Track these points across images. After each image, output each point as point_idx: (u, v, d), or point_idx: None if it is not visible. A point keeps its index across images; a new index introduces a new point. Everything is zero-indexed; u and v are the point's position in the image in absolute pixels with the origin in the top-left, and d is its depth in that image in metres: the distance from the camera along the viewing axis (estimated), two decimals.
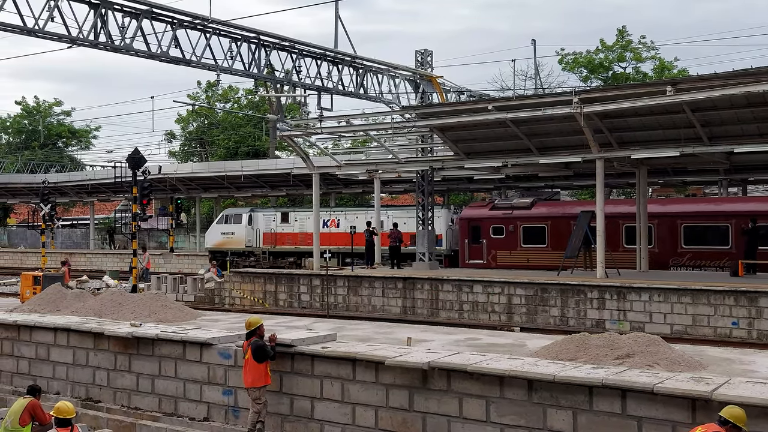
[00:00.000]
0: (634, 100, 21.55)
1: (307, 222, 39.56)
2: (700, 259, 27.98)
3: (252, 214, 42.28)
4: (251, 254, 41.95)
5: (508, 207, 32.84)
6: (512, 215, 32.15)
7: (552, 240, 30.89)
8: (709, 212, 28.72)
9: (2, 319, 15.95)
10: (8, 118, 75.82)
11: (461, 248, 33.35)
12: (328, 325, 16.08)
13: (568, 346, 10.99)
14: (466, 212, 34.23)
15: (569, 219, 29.72)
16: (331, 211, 40.74)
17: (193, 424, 12.75)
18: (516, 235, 31.45)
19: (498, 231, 32.18)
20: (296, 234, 40.53)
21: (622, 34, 47.38)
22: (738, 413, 7.80)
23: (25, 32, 19.39)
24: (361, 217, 38.22)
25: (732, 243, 27.44)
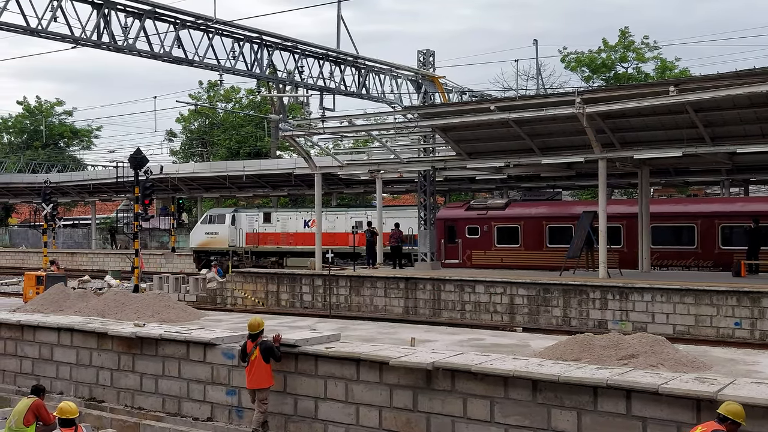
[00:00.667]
0: (637, 101, 21.55)
1: (289, 222, 40.71)
2: (667, 258, 28.40)
3: (235, 215, 42.90)
4: (234, 254, 42.47)
5: (483, 208, 33.28)
6: (487, 215, 32.55)
7: (525, 240, 31.27)
8: (676, 213, 29.07)
9: (6, 318, 15.97)
10: (10, 117, 75.91)
11: (438, 248, 33.57)
12: (331, 326, 16.08)
13: (572, 347, 10.99)
14: (443, 213, 34.65)
15: (542, 219, 30.24)
16: (311, 211, 41.08)
17: (197, 424, 12.77)
18: (490, 235, 31.86)
19: (473, 231, 32.51)
20: (278, 234, 41.15)
21: (624, 34, 47.39)
22: (736, 409, 7.81)
23: (29, 32, 19.40)
24: (341, 217, 39.01)
25: (697, 243, 27.94)
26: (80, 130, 75.74)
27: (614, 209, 29.80)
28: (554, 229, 30.00)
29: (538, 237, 30.53)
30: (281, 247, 40.87)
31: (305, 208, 43.95)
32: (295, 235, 40.36)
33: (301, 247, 39.71)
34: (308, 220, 39.72)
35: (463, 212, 33.44)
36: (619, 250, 28.13)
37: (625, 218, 28.54)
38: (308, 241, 38.16)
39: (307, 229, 39.20)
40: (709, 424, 7.76)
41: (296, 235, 40.28)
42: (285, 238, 40.78)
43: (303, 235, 39.64)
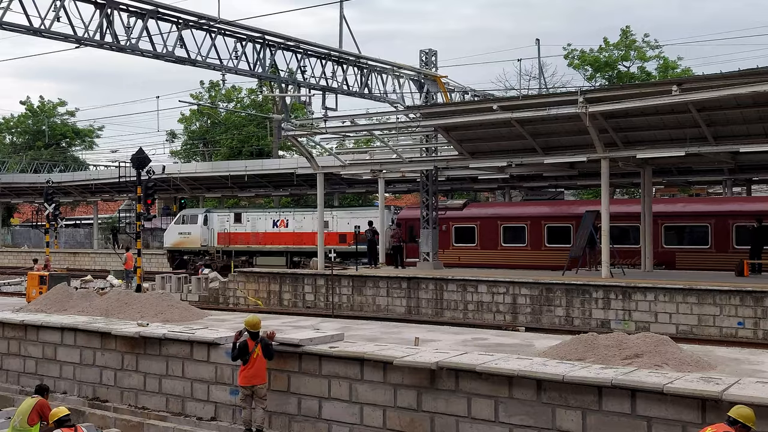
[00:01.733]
0: (640, 100, 21.53)
1: (258, 222, 41.52)
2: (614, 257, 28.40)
3: (207, 215, 43.75)
4: (206, 253, 43.34)
5: (442, 208, 34.06)
6: (446, 216, 33.33)
7: (480, 239, 32.56)
8: (622, 213, 29.65)
9: (9, 318, 15.98)
10: (12, 118, 75.95)
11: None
12: (334, 325, 16.08)
13: (576, 346, 10.98)
14: (404, 213, 35.96)
15: (497, 220, 31.50)
16: (280, 211, 42.71)
17: (201, 423, 12.77)
18: (449, 235, 32.80)
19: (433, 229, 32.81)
20: (248, 234, 41.91)
21: (625, 33, 47.36)
22: (747, 413, 7.79)
23: (32, 32, 19.39)
24: (308, 217, 39.90)
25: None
26: (82, 130, 75.77)
27: (563, 210, 31.81)
28: (508, 228, 31.27)
29: (493, 237, 31.77)
30: (251, 247, 41.76)
31: (274, 209, 45.18)
32: (264, 234, 41.21)
33: (270, 247, 40.78)
34: (277, 220, 40.86)
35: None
36: (569, 248, 28.90)
37: (575, 218, 29.40)
38: (276, 241, 40.04)
39: (275, 229, 40.50)
40: (718, 426, 7.74)
41: (265, 234, 41.14)
42: (255, 237, 41.69)
43: (272, 235, 40.81)
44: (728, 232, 28.06)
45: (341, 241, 37.78)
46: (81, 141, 76.80)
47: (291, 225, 40.29)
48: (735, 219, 27.95)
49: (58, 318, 15.60)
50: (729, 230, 28.04)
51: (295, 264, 39.16)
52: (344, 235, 37.87)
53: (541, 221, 31.21)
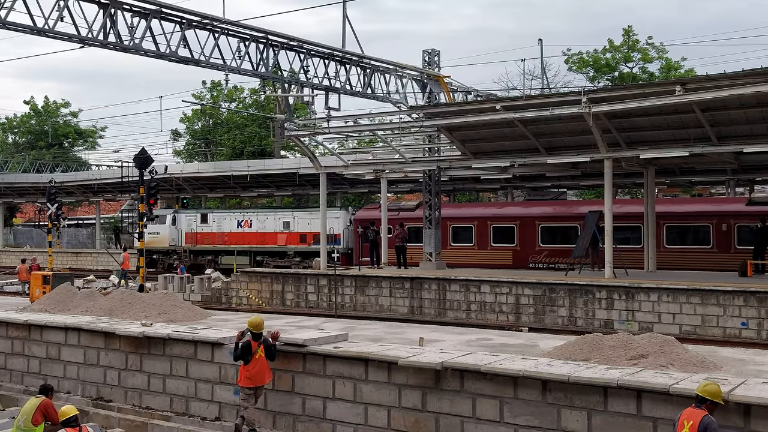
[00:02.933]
0: (643, 100, 21.51)
1: (224, 223, 42.90)
2: (554, 256, 30.57)
3: (175, 215, 45.02)
4: (174, 253, 44.55)
5: (396, 209, 36.09)
6: (399, 216, 34.96)
7: None
8: (561, 215, 31.19)
9: (13, 318, 15.99)
10: (15, 118, 76.02)
11: (355, 247, 36.41)
12: (337, 325, 16.07)
13: (582, 347, 10.97)
14: (360, 214, 37.50)
15: (446, 220, 32.38)
16: (244, 212, 43.93)
17: (205, 423, 12.77)
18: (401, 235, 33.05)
19: (387, 231, 34.36)
20: (214, 234, 43.14)
21: (628, 34, 47.29)
22: (713, 389, 7.95)
23: (35, 32, 19.41)
24: (270, 218, 41.35)
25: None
26: (85, 131, 75.81)
27: (508, 211, 33.51)
28: (457, 229, 32.60)
29: (443, 236, 32.53)
30: (217, 246, 43.01)
31: (238, 209, 46.50)
32: (230, 234, 42.22)
33: (234, 246, 42.03)
34: (241, 221, 42.33)
35: (379, 213, 35.44)
36: (512, 248, 31.22)
37: (519, 219, 30.96)
38: (241, 241, 41.48)
39: (240, 229, 41.89)
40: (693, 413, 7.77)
41: (230, 234, 42.14)
42: (220, 237, 42.93)
43: (236, 235, 42.08)
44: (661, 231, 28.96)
45: (302, 241, 39.62)
46: (83, 141, 76.84)
47: (254, 225, 41.57)
48: (665, 220, 29.01)
49: (62, 318, 15.60)
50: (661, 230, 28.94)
51: (258, 263, 40.45)
52: (305, 235, 39.57)
53: (487, 222, 32.95)
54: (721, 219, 28.61)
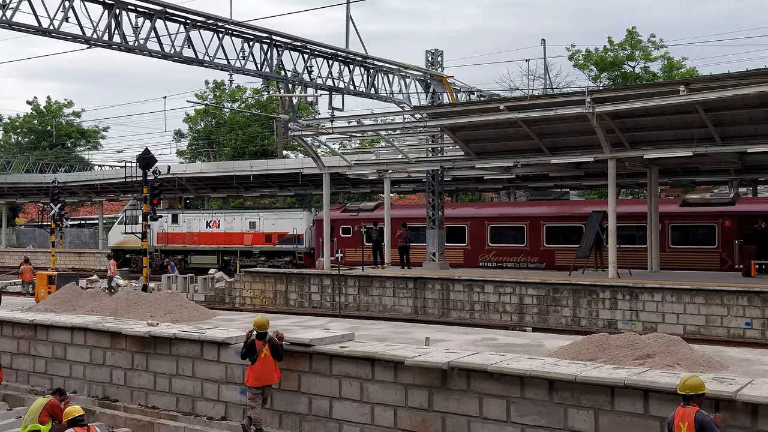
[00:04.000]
0: (647, 100, 21.52)
1: (193, 223, 43.99)
2: (503, 255, 32.19)
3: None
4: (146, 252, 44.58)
5: (355, 210, 37.70)
6: (358, 217, 36.63)
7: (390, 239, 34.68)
8: (507, 216, 32.44)
9: (19, 318, 16.03)
10: (18, 118, 76.12)
11: (317, 246, 37.49)
12: (342, 325, 16.10)
13: (588, 347, 10.99)
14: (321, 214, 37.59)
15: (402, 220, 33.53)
16: (212, 212, 45.22)
17: (211, 423, 12.80)
18: (360, 235, 34.91)
19: (346, 231, 36.92)
20: (184, 234, 44.32)
21: (631, 33, 47.28)
22: (696, 382, 7.97)
23: (41, 33, 19.42)
24: (238, 218, 42.64)
25: (526, 241, 31.72)
26: (87, 131, 75.88)
27: (460, 212, 34.86)
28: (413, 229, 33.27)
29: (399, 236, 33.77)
30: (186, 246, 44.10)
31: (207, 210, 47.63)
32: (199, 234, 43.29)
33: (203, 246, 43.25)
34: (210, 221, 43.57)
35: (339, 214, 37.68)
36: (464, 247, 32.70)
37: (470, 219, 32.34)
38: (209, 241, 42.85)
39: (208, 230, 43.18)
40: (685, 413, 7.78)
41: (199, 234, 43.20)
42: (190, 237, 44.08)
43: (205, 235, 43.32)
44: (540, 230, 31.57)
45: (267, 241, 40.85)
46: (86, 141, 76.92)
47: (222, 226, 42.82)
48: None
49: (68, 318, 15.64)
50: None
51: (225, 263, 41.84)
52: (270, 235, 40.86)
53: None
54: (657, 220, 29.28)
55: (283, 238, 39.26)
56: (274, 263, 39.60)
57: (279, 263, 39.73)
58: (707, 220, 28.63)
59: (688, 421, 7.71)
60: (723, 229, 28.57)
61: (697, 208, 29.21)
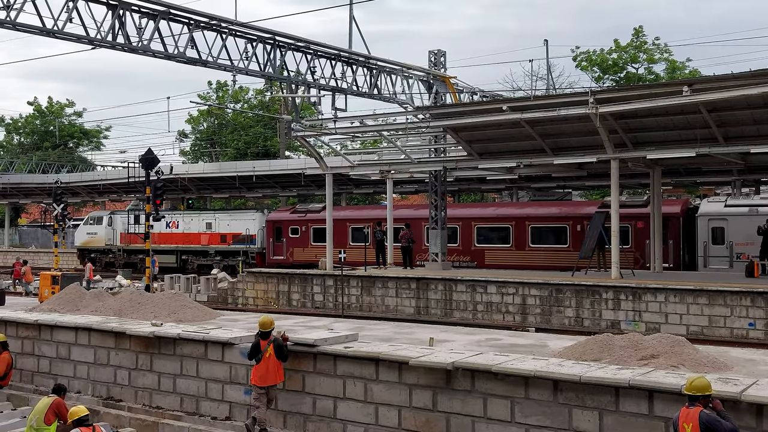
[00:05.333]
0: (650, 101, 21.50)
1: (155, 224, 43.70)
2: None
3: (111, 216, 48.46)
4: (110, 252, 47.67)
5: (303, 211, 39.57)
6: (306, 218, 38.48)
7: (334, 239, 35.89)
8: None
9: (23, 318, 16.06)
10: (20, 118, 76.22)
11: (267, 246, 39.87)
12: (346, 325, 16.11)
13: (592, 347, 10.99)
14: (272, 215, 41.13)
15: (346, 221, 36.36)
16: (171, 213, 46.42)
17: (215, 423, 12.81)
18: (308, 235, 37.32)
19: (295, 231, 38.97)
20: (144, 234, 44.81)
21: (638, 33, 47.24)
22: (703, 383, 7.96)
23: (45, 33, 19.48)
24: (195, 219, 44.35)
25: (459, 241, 33.59)
26: (90, 131, 75.95)
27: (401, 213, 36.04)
28: (355, 230, 36.20)
29: (343, 236, 36.31)
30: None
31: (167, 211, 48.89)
32: (159, 235, 43.77)
33: (163, 246, 44.16)
34: (169, 222, 44.95)
35: (288, 215, 39.92)
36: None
37: (408, 220, 33.67)
38: (169, 241, 44.45)
39: (168, 230, 44.63)
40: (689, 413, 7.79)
41: (160, 235, 43.79)
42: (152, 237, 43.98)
43: (165, 235, 44.73)
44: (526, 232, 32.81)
45: (222, 241, 42.72)
46: (88, 141, 77.01)
47: (181, 226, 44.53)
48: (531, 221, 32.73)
49: (72, 318, 15.66)
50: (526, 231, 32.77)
51: (183, 262, 43.90)
52: (225, 235, 42.74)
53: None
54: (576, 221, 31.30)
55: (237, 239, 41.35)
56: (228, 263, 41.65)
57: (233, 263, 41.48)
58: (623, 221, 29.51)
59: (692, 422, 7.72)
60: (636, 230, 30.16)
61: None
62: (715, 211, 29.54)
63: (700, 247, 29.23)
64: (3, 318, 16.38)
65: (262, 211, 43.14)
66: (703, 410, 7.79)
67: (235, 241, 42.01)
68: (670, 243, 29.53)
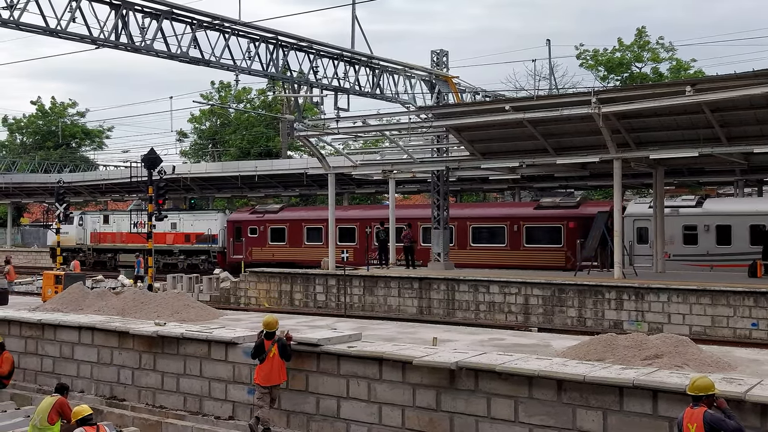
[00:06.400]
0: (653, 101, 21.50)
1: (122, 223, 46.94)
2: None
3: (82, 216, 49.75)
4: (80, 250, 48.32)
5: (262, 211, 41.01)
6: (264, 218, 39.90)
7: (290, 239, 39.07)
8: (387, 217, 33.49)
9: (26, 317, 16.07)
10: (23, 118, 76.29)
11: (228, 245, 41.46)
12: (349, 325, 16.11)
13: (596, 347, 10.99)
14: (232, 216, 42.69)
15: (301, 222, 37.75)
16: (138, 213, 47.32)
17: (218, 422, 12.82)
18: (265, 235, 38.47)
19: (253, 231, 40.40)
20: (114, 233, 47.76)
21: (641, 33, 47.19)
22: (706, 383, 7.96)
23: (48, 33, 19.49)
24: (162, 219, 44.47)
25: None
26: (92, 131, 76.01)
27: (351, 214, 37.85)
28: (310, 230, 37.68)
29: (299, 236, 38.45)
30: (116, 245, 47.49)
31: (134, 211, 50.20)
32: (127, 234, 45.66)
33: (131, 245, 45.81)
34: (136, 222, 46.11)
35: (248, 215, 41.40)
36: (354, 246, 35.81)
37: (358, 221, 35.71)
38: (136, 240, 44.49)
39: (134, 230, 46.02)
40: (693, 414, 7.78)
41: (127, 234, 45.45)
42: (119, 237, 47.41)
43: (132, 235, 45.73)
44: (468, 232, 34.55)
45: (186, 241, 44.32)
46: (91, 141, 77.07)
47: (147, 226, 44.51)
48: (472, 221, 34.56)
49: (75, 317, 15.67)
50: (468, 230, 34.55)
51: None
52: (189, 235, 44.38)
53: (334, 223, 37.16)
54: (513, 221, 32.75)
55: (200, 238, 43.01)
56: (192, 261, 43.36)
57: (196, 261, 43.23)
58: (556, 222, 31.97)
59: (696, 422, 7.72)
60: (568, 230, 31.69)
61: (547, 211, 32.27)
62: (640, 212, 30.74)
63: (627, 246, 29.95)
64: (7, 317, 16.41)
65: (224, 212, 44.64)
66: (707, 410, 7.78)
67: (198, 240, 43.57)
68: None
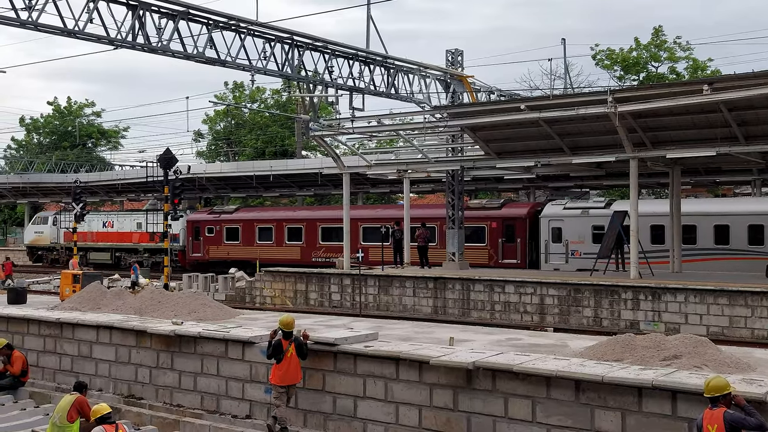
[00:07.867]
0: (670, 100, 21.39)
1: (93, 223, 48.32)
2: (330, 252, 36.81)
3: (56, 216, 50.68)
4: (54, 249, 50.75)
5: (219, 212, 43.17)
6: (220, 218, 41.87)
7: (243, 238, 40.66)
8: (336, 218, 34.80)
9: (45, 316, 16.20)
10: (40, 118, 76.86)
11: (187, 244, 43.28)
12: (365, 324, 16.13)
13: (614, 347, 10.94)
14: (191, 216, 44.43)
15: (253, 222, 39.46)
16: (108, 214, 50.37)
17: (235, 421, 12.87)
18: (221, 234, 40.11)
19: (210, 231, 42.38)
20: (86, 233, 48.23)
21: (657, 33, 46.90)
22: (720, 383, 7.91)
23: (66, 34, 19.64)
24: (128, 219, 47.66)
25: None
26: (108, 131, 76.48)
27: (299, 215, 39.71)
28: (262, 229, 39.43)
29: (251, 235, 40.17)
30: (87, 244, 48.35)
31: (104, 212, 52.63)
32: (97, 233, 47.82)
33: (101, 244, 47.99)
34: (106, 222, 48.34)
35: (206, 216, 43.35)
36: (300, 245, 38.28)
37: (305, 221, 38.02)
38: (105, 239, 47.77)
39: (104, 229, 47.99)
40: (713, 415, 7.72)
41: (98, 233, 47.71)
42: (90, 236, 48.54)
43: (102, 234, 48.05)
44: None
45: (150, 240, 44.61)
46: (107, 141, 77.55)
47: (116, 225, 47.68)
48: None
49: (94, 316, 15.78)
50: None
51: (117, 258, 47.47)
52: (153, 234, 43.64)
53: (282, 224, 39.77)
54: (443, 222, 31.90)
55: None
56: (156, 259, 43.84)
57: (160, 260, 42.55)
58: (480, 222, 33.81)
59: (717, 423, 7.66)
60: (491, 230, 33.68)
61: (473, 212, 33.66)
62: (554, 213, 32.27)
63: (542, 245, 32.09)
64: (26, 316, 16.55)
65: (185, 212, 45.18)
66: (726, 410, 7.73)
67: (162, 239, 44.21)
68: (518, 241, 33.06)
